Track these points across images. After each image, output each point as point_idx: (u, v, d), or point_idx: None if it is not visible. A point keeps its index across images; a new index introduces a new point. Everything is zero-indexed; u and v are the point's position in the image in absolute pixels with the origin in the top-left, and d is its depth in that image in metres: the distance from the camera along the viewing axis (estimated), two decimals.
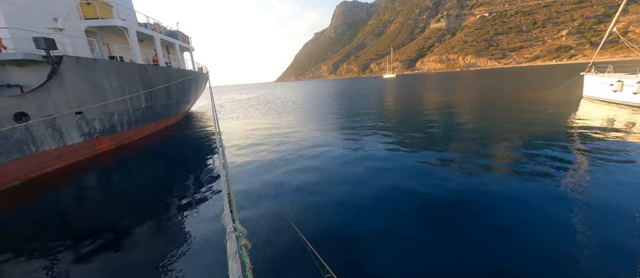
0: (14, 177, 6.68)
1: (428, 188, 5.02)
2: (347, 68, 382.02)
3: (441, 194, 4.75)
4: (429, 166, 6.16)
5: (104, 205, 5.56)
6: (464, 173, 5.62)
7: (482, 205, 4.32)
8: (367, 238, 3.67)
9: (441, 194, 4.75)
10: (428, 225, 3.89)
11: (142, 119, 11.47)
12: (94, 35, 11.14)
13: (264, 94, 46.25)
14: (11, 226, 4.81)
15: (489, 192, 4.71)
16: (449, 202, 4.48)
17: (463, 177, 5.43)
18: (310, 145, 8.69)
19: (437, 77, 73.00)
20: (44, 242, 4.09)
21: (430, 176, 5.59)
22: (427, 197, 4.69)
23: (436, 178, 5.48)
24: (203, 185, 5.96)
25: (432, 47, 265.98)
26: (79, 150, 8.47)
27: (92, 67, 8.76)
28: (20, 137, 6.81)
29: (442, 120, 11.78)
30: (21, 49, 7.61)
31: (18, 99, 6.84)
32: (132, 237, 4.08)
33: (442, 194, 4.75)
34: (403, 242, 3.56)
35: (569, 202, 4.21)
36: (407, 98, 23.16)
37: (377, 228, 3.88)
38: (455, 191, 4.83)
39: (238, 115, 18.47)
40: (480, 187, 4.93)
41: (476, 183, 5.11)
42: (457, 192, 4.78)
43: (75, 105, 8.19)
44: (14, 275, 3.39)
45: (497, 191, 4.73)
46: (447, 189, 4.92)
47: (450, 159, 6.55)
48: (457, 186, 5.02)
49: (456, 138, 8.56)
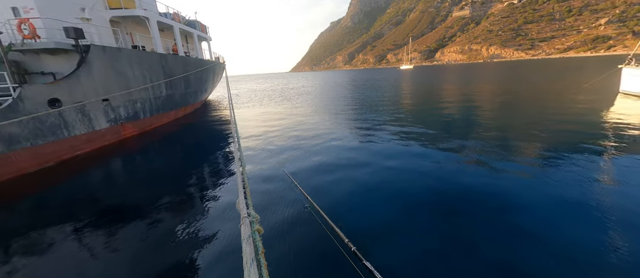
0: (49, 158, 7.23)
1: (441, 182, 4.92)
2: (362, 58, 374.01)
3: (455, 189, 4.64)
4: (443, 160, 6.01)
5: (128, 187, 5.92)
6: (480, 168, 5.43)
7: (498, 202, 4.18)
8: (376, 231, 3.68)
9: (455, 189, 4.64)
10: (440, 220, 3.84)
11: (162, 107, 11.93)
12: (118, 25, 11.58)
13: (278, 84, 46.49)
14: (47, 203, 5.26)
15: (507, 190, 4.54)
16: (463, 197, 4.38)
17: (479, 172, 5.26)
18: (324, 136, 8.71)
19: (458, 69, 69.87)
20: (76, 218, 4.45)
21: (444, 170, 5.46)
22: (440, 191, 4.60)
23: (450, 172, 5.34)
24: (219, 172, 6.18)
25: (454, 37, 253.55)
26: (105, 136, 9.00)
27: (117, 56, 9.16)
28: (54, 121, 7.32)
29: (460, 114, 11.36)
30: (53, 38, 8.06)
31: (51, 85, 7.32)
32: (153, 217, 4.34)
33: (456, 189, 4.64)
34: (412, 235, 3.54)
35: (596, 208, 3.98)
36: (424, 90, 22.44)
37: (387, 221, 3.88)
38: (470, 186, 4.70)
39: (253, 105, 18.76)
40: (497, 184, 4.76)
41: (493, 180, 4.94)
42: (472, 188, 4.65)
43: (102, 92, 8.65)
44: (51, 247, 3.73)
45: (515, 189, 4.55)
46: (462, 184, 4.80)
47: (467, 154, 6.34)
48: (472, 182, 4.88)
49: (474, 132, 8.25)
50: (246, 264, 1.91)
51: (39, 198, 5.49)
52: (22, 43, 7.56)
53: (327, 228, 3.41)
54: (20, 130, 6.54)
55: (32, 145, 6.79)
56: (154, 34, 11.88)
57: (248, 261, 1.92)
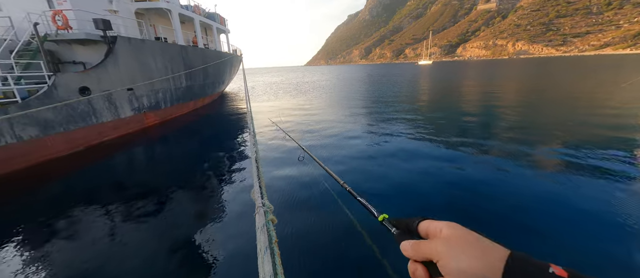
0: (79, 143, 7.73)
1: (456, 182, 4.77)
2: (379, 53, 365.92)
3: (470, 190, 4.49)
4: (458, 159, 5.82)
5: (149, 173, 6.23)
6: (497, 170, 5.22)
7: (514, 204, 4.01)
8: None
9: (470, 190, 4.49)
10: (453, 219, 3.74)
11: (182, 98, 12.35)
12: (142, 16, 12.01)
13: (293, 78, 46.61)
14: (76, 185, 5.65)
15: (524, 193, 4.34)
16: (479, 199, 4.23)
17: (496, 173, 5.06)
18: (337, 129, 8.68)
19: (481, 65, 66.78)
20: (101, 199, 4.76)
21: (460, 169, 5.29)
22: (454, 191, 4.48)
23: (466, 172, 5.17)
24: (235, 161, 6.35)
25: (478, 31, 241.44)
26: (129, 123, 9.47)
27: (141, 47, 9.53)
28: (84, 108, 7.78)
29: (480, 113, 10.91)
30: (84, 30, 8.51)
31: (82, 74, 7.76)
32: (172, 203, 4.55)
33: (472, 190, 4.49)
34: None
35: (623, 225, 3.72)
36: (443, 86, 21.69)
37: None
38: (486, 188, 4.53)
39: (268, 97, 18.98)
40: (514, 186, 4.56)
41: (510, 181, 4.73)
42: (488, 190, 4.48)
43: (127, 82, 9.06)
44: (78, 226, 4.02)
45: (533, 193, 4.34)
46: (478, 186, 4.63)
47: (485, 154, 6.10)
48: (488, 183, 4.70)
49: (494, 132, 7.90)
50: (260, 252, 1.97)
51: (70, 180, 5.91)
52: (56, 34, 8.03)
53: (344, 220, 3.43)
54: (55, 116, 7.02)
55: (64, 130, 7.27)
56: (175, 26, 12.23)
57: (262, 249, 1.98)
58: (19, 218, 4.29)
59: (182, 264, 3.14)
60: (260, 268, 1.86)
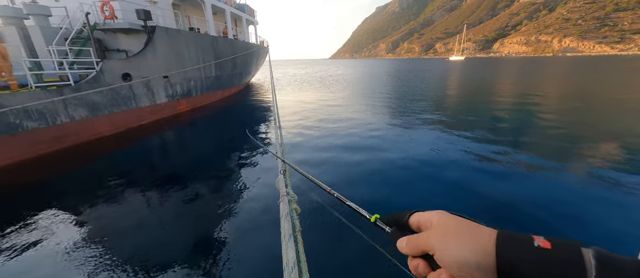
0: (120, 125, 8.42)
1: (483, 187, 4.51)
2: (407, 47, 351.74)
3: (499, 199, 4.22)
4: (487, 163, 5.47)
5: (180, 156, 6.64)
6: (531, 178, 4.83)
7: (546, 217, 3.70)
8: None
9: (499, 199, 4.22)
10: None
11: (211, 87, 12.89)
12: (178, 8, 12.60)
13: (317, 71, 46.54)
14: (117, 163, 6.19)
15: (556, 205, 3.98)
16: (509, 209, 3.97)
17: (531, 184, 4.69)
18: (360, 124, 8.57)
19: (520, 63, 61.66)
20: (137, 178, 5.17)
21: (487, 176, 4.98)
22: (481, 195, 4.23)
23: (494, 177, 4.85)
24: (259, 150, 6.55)
25: (519, 25, 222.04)
26: (164, 109, 10.11)
27: (177, 37, 10.05)
28: (126, 93, 8.44)
29: (516, 116, 10.11)
30: (127, 20, 9.14)
31: (124, 61, 8.39)
32: (200, 185, 4.82)
33: (501, 200, 4.21)
34: None
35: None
36: (476, 85, 20.38)
37: None
38: (517, 197, 4.23)
39: (292, 89, 19.19)
40: (548, 196, 4.20)
41: (544, 192, 4.36)
42: (519, 199, 4.18)
43: (163, 69, 9.64)
44: (115, 201, 4.42)
45: (565, 205, 3.97)
46: (508, 195, 4.34)
47: (518, 161, 5.67)
48: (521, 192, 4.38)
49: (530, 139, 7.29)
50: (284, 239, 2.02)
51: (112, 159, 6.49)
52: (104, 23, 8.72)
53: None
54: (101, 99, 7.69)
55: (109, 112, 7.96)
56: (208, 17, 12.69)
57: (286, 236, 2.03)
58: (69, 190, 4.81)
59: (206, 245, 3.33)
60: (284, 255, 1.92)
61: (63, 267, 2.96)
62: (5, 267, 2.99)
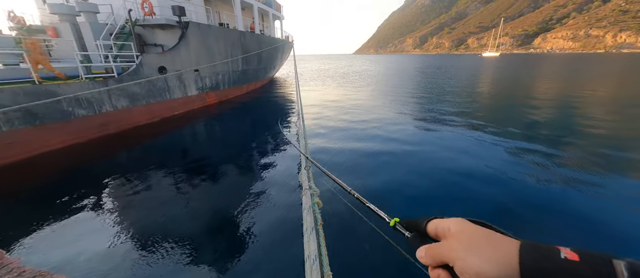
0: (156, 115, 9.04)
1: (516, 198, 4.21)
2: (436, 42, 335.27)
3: (532, 208, 3.92)
4: (520, 166, 5.09)
5: (208, 146, 6.99)
6: (570, 188, 4.42)
7: (587, 229, 3.37)
8: None
9: (532, 208, 3.92)
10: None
11: (237, 81, 13.34)
12: (209, 3, 13.11)
13: (341, 66, 46.10)
14: (153, 150, 6.68)
15: (599, 219, 3.60)
16: (546, 218, 3.68)
17: (567, 191, 4.29)
18: (382, 122, 8.39)
19: (565, 60, 56.09)
20: (169, 166, 5.54)
21: (521, 184, 4.63)
22: (513, 208, 3.96)
23: (529, 190, 4.51)
24: (283, 144, 6.69)
25: (566, 18, 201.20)
26: (194, 101, 10.67)
27: (207, 32, 10.50)
28: (161, 85, 9.03)
29: (556, 120, 9.26)
30: (164, 16, 9.71)
31: (161, 55, 8.95)
32: (225, 175, 5.06)
33: (534, 209, 3.91)
34: None
35: None
36: (511, 83, 18.93)
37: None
38: (560, 209, 3.89)
39: (316, 84, 19.24)
40: (589, 206, 3.81)
41: (590, 206, 3.97)
42: (558, 210, 3.85)
43: (194, 63, 10.15)
44: (150, 185, 4.77)
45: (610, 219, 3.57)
46: (548, 205, 4.01)
47: (556, 170, 5.21)
48: (565, 204, 4.03)
49: (572, 146, 6.66)
50: (306, 231, 2.07)
51: (148, 146, 7.01)
52: (144, 19, 9.34)
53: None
54: (139, 90, 8.30)
55: (146, 103, 8.58)
56: (237, 13, 13.08)
57: (308, 229, 2.07)
58: (111, 172, 5.29)
59: (229, 231, 3.50)
60: (306, 246, 1.97)
61: (107, 236, 3.29)
62: (60, 232, 3.39)
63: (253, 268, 2.84)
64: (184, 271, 2.81)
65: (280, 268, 2.85)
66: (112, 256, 3.02)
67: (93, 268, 2.85)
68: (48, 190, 4.66)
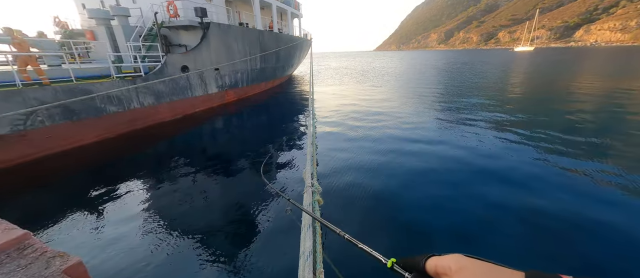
0: (178, 112, 9.54)
1: (551, 201, 3.89)
2: (463, 37, 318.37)
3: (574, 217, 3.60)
4: (560, 172, 4.69)
5: (225, 142, 7.26)
6: (617, 195, 3.99)
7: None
8: (444, 237, 3.30)
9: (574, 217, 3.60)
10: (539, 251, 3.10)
11: (256, 79, 13.65)
12: (230, 4, 13.52)
13: (360, 64, 45.47)
14: (176, 145, 7.06)
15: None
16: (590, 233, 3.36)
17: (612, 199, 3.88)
18: (399, 122, 8.16)
19: (612, 54, 50.69)
20: (190, 159, 5.83)
21: (557, 190, 4.27)
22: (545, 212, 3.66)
23: (570, 198, 4.14)
24: (294, 141, 6.77)
25: (614, 7, 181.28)
26: (214, 99, 11.10)
27: (227, 31, 10.84)
28: (184, 83, 9.49)
29: (599, 120, 8.42)
30: (187, 17, 10.18)
31: (184, 55, 9.40)
32: (239, 170, 5.23)
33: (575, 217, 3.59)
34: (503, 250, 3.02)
35: None
36: (546, 80, 17.49)
37: (458, 228, 3.41)
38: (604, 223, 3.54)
39: (333, 82, 19.16)
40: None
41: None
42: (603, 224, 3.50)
43: (215, 62, 10.54)
44: (173, 175, 5.05)
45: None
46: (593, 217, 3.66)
47: (602, 175, 4.73)
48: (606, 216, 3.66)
49: (618, 147, 6.01)
50: (303, 228, 2.07)
51: (172, 142, 7.42)
52: (169, 21, 9.86)
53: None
54: (164, 88, 8.80)
55: (170, 100, 9.07)
56: (256, 12, 13.36)
57: (306, 226, 2.07)
58: (137, 166, 5.67)
59: (236, 227, 3.61)
60: (302, 243, 1.97)
61: (136, 222, 3.54)
62: (84, 219, 3.71)
63: (254, 262, 2.91)
64: (198, 263, 2.95)
65: (279, 262, 2.89)
66: (127, 242, 3.25)
67: (109, 252, 3.09)
68: (79, 181, 5.11)
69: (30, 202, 4.39)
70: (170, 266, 2.88)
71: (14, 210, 4.11)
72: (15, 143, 5.64)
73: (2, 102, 5.42)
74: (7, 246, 1.19)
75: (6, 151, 5.52)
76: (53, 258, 1.19)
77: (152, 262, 2.92)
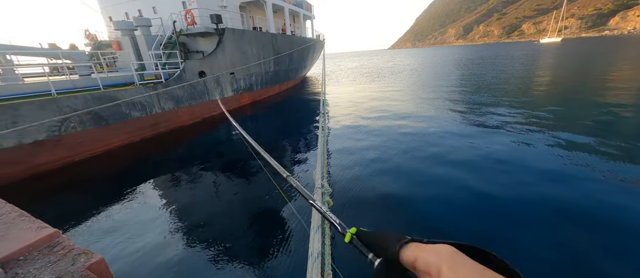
0: (197, 115, 9.92)
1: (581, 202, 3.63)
2: (483, 31, 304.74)
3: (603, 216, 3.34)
4: (592, 174, 4.37)
5: (240, 143, 7.44)
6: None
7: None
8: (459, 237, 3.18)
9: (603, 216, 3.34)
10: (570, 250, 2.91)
11: (270, 81, 13.89)
12: (243, 9, 13.88)
13: (374, 63, 44.88)
14: (196, 147, 7.36)
15: None
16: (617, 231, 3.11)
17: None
18: (414, 122, 7.96)
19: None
20: (208, 160, 6.05)
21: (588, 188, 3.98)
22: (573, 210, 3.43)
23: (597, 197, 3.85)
24: (306, 143, 6.81)
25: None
26: (230, 102, 11.42)
27: (242, 36, 11.13)
28: (201, 88, 9.86)
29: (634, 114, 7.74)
30: (204, 24, 10.57)
31: (201, 61, 9.77)
32: (252, 172, 5.34)
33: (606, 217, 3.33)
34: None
35: None
36: (574, 72, 16.33)
37: (477, 230, 3.28)
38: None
39: (346, 82, 19.07)
40: None
41: None
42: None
43: (230, 66, 10.86)
44: (193, 175, 5.25)
45: None
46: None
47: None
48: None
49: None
50: (312, 229, 2.09)
51: (191, 144, 7.74)
52: (187, 29, 10.30)
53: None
54: (183, 93, 9.18)
55: (189, 105, 9.46)
56: (268, 16, 13.61)
57: (315, 227, 2.09)
58: (160, 168, 5.96)
59: (252, 220, 3.68)
60: (311, 244, 1.98)
61: (160, 221, 3.74)
62: (109, 219, 3.96)
63: (263, 262, 2.96)
64: (207, 263, 3.06)
65: (287, 262, 2.92)
66: (148, 241, 3.43)
67: (130, 251, 3.27)
68: (107, 183, 5.46)
69: (63, 203, 4.75)
70: (184, 266, 3.01)
71: (50, 210, 4.47)
72: (52, 148, 6.13)
73: (40, 110, 5.91)
74: (39, 243, 1.30)
75: (44, 155, 6.01)
76: (78, 255, 1.29)
77: (166, 259, 3.06)
